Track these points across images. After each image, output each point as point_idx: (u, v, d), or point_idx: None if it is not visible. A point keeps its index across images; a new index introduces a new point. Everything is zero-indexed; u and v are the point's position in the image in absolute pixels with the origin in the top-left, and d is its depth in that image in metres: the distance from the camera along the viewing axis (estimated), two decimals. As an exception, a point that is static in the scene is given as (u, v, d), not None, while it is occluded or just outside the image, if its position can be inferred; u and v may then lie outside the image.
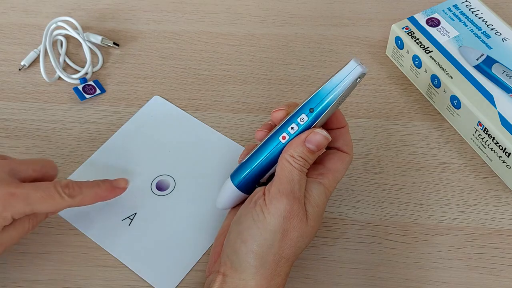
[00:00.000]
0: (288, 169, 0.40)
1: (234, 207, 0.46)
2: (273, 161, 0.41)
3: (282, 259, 0.39)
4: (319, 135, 0.40)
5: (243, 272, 0.39)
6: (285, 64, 0.60)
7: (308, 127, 0.40)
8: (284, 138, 0.41)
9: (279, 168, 0.40)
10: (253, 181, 0.43)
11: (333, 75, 0.40)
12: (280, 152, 0.41)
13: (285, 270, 0.40)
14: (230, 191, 0.44)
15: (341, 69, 0.39)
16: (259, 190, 0.41)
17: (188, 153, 0.53)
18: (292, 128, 0.41)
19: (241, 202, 0.45)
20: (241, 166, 0.43)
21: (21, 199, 0.41)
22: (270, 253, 0.39)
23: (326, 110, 0.40)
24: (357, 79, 0.39)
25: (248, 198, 0.42)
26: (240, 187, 0.43)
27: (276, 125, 0.42)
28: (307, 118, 0.40)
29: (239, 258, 0.40)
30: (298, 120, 0.40)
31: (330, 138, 0.41)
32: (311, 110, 0.40)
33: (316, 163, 0.43)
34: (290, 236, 0.39)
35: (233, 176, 0.43)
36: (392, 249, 0.47)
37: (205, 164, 0.52)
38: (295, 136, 0.40)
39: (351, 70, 0.39)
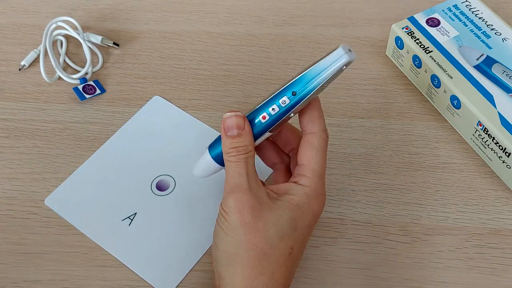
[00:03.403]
0: (227, 166, 0.40)
1: None
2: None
3: (260, 256, 0.38)
4: (229, 118, 0.40)
5: (225, 277, 0.39)
6: (285, 64, 0.60)
7: (289, 110, 0.40)
8: (264, 118, 0.41)
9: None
10: None
11: (319, 60, 0.39)
12: (261, 130, 0.41)
13: (270, 268, 0.39)
14: (206, 161, 0.44)
15: (327, 55, 0.39)
16: None
17: (188, 153, 0.53)
18: (273, 109, 0.40)
19: (216, 172, 0.45)
20: (219, 139, 0.43)
21: None
22: (241, 249, 0.38)
23: (309, 95, 0.40)
24: (343, 67, 0.38)
25: None
26: (215, 158, 0.43)
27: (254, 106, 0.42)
28: (288, 101, 0.40)
29: (217, 263, 0.40)
30: (280, 102, 0.40)
31: (239, 113, 0.41)
32: (294, 94, 0.40)
33: (295, 165, 0.43)
34: (257, 228, 0.38)
35: (210, 147, 0.44)
36: (392, 249, 0.47)
37: (205, 164, 0.52)
38: (275, 117, 0.40)
39: (338, 57, 0.38)
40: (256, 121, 0.41)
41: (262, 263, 0.38)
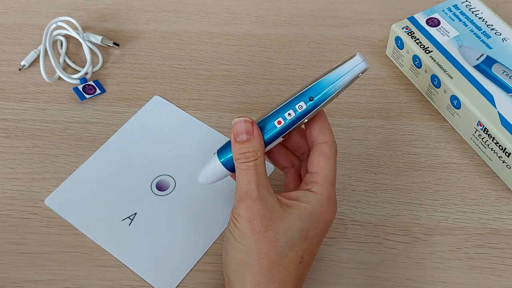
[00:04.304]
0: (237, 173, 0.40)
1: None
2: (265, 144, 0.41)
3: (270, 264, 0.38)
4: (238, 124, 0.40)
5: (235, 282, 0.39)
6: (285, 64, 0.60)
7: (304, 115, 0.40)
8: (279, 123, 0.41)
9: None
10: None
11: (336, 66, 0.40)
12: (276, 134, 0.41)
13: (280, 276, 0.39)
14: (214, 167, 0.43)
15: (345, 62, 0.39)
16: None
17: (188, 153, 0.53)
18: (289, 114, 0.40)
19: (223, 178, 0.44)
20: (228, 145, 0.42)
21: None
22: (251, 257, 0.38)
23: (326, 101, 0.40)
24: (359, 74, 0.39)
25: None
26: (225, 164, 0.43)
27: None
28: (305, 106, 0.40)
29: (227, 268, 0.40)
30: (297, 107, 0.40)
31: (248, 118, 0.40)
32: (311, 99, 0.40)
33: (305, 172, 0.43)
34: (267, 237, 0.38)
35: (219, 152, 0.43)
36: (392, 249, 0.47)
37: (205, 164, 0.52)
38: (291, 121, 0.40)
39: (356, 65, 0.39)
40: (271, 126, 0.41)
41: (272, 272, 0.38)
